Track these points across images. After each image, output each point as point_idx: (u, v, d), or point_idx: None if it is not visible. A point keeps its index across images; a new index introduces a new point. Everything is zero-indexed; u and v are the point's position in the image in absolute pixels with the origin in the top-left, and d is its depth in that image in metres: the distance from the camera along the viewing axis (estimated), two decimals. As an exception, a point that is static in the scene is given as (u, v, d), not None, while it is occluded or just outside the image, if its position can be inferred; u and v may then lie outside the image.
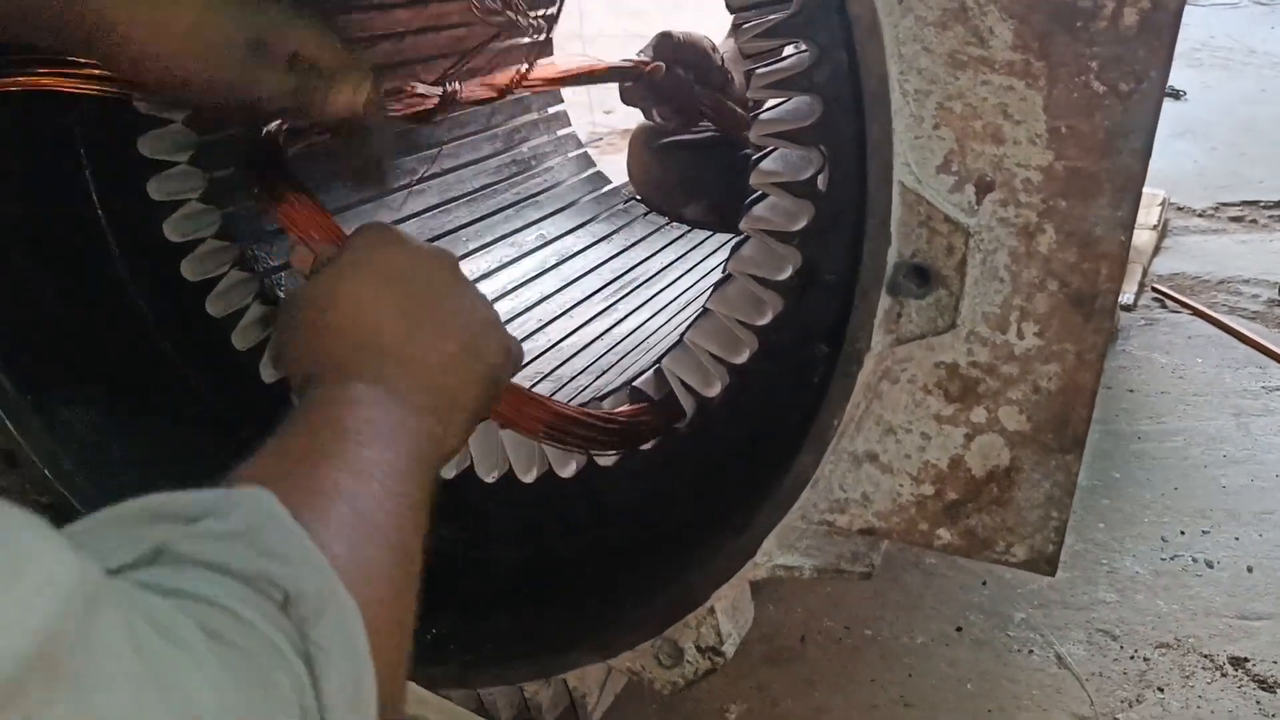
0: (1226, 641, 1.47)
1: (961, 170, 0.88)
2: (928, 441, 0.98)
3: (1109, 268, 0.88)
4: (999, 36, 0.84)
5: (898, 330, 0.94)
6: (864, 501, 1.01)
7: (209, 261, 1.34)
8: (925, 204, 0.89)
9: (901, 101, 0.88)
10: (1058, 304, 0.90)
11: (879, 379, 0.96)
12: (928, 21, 0.85)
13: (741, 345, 1.15)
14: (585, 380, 1.48)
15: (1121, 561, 1.64)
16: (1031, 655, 1.45)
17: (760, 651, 1.46)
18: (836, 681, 1.42)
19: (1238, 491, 1.81)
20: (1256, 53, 4.92)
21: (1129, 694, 1.38)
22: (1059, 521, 0.97)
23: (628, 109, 2.17)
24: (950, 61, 0.86)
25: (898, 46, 0.86)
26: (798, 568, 1.06)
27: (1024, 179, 0.87)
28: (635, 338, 1.64)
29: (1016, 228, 0.88)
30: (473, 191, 1.89)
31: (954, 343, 0.93)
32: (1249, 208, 3.17)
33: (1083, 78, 0.83)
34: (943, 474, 0.98)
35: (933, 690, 1.40)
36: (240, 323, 1.36)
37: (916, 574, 1.61)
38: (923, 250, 0.91)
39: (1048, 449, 0.95)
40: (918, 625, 1.51)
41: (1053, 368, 0.92)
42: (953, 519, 0.99)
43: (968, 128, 0.87)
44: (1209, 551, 1.66)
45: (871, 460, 1.00)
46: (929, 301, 0.92)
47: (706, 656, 1.11)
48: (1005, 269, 0.90)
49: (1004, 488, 0.97)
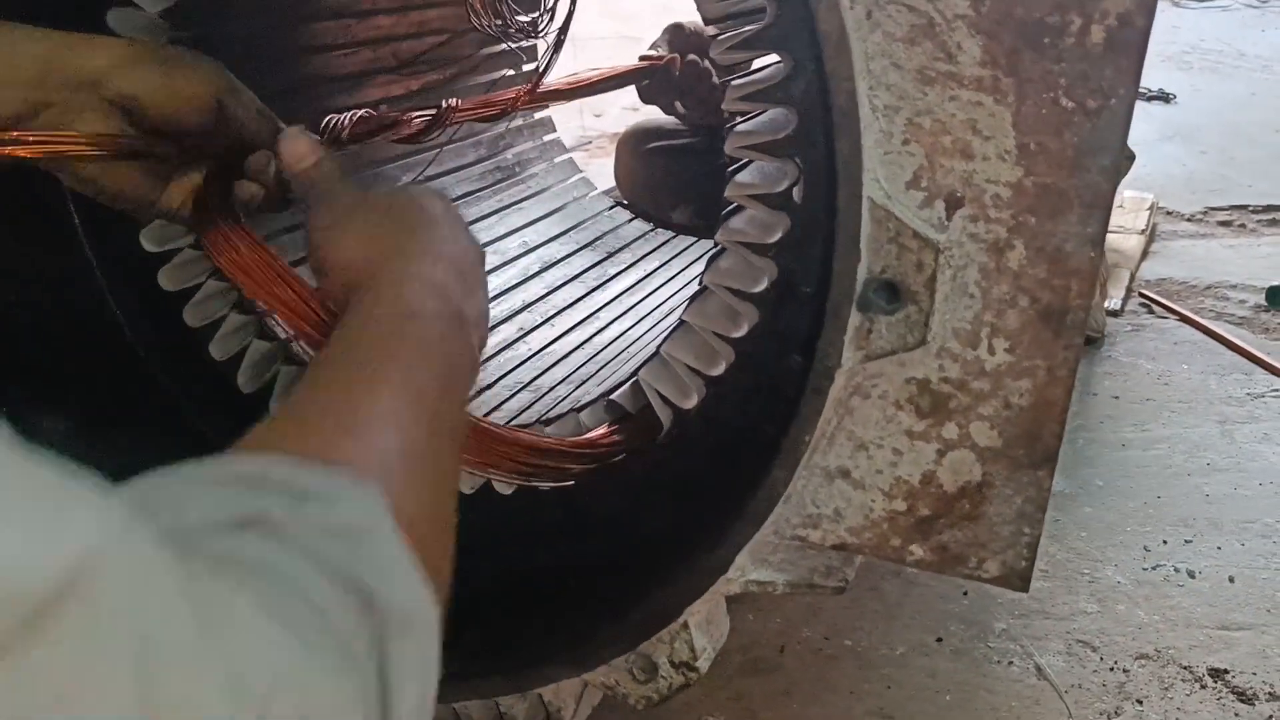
0: (1206, 653, 1.47)
1: (931, 186, 0.88)
2: (899, 457, 0.97)
3: (1079, 284, 0.87)
4: (967, 52, 0.84)
5: (868, 346, 0.94)
6: (836, 517, 1.01)
7: (186, 271, 1.34)
8: (895, 220, 0.89)
9: (871, 117, 0.87)
10: (1028, 320, 0.89)
11: (850, 394, 0.96)
12: (896, 37, 0.85)
13: (718, 357, 1.15)
14: (564, 390, 1.48)
15: (1103, 571, 1.64)
16: (1011, 666, 1.45)
17: (738, 661, 1.46)
18: (815, 692, 1.41)
19: (1221, 500, 1.81)
20: (1246, 56, 4.93)
21: (1108, 706, 1.38)
22: (1031, 537, 0.96)
23: (618, 113, 2.17)
24: (919, 77, 0.85)
25: (866, 62, 0.86)
26: (771, 583, 1.06)
27: (994, 195, 0.87)
28: (615, 347, 1.64)
29: (986, 243, 0.88)
30: (456, 199, 1.89)
31: (925, 359, 0.93)
32: (1237, 212, 3.17)
33: (1051, 94, 0.83)
34: (914, 490, 0.98)
35: (911, 701, 1.40)
36: (218, 332, 1.35)
37: (896, 583, 1.61)
38: (892, 266, 0.90)
39: (1019, 464, 0.94)
40: (897, 635, 1.51)
41: (1024, 384, 0.92)
42: (925, 535, 0.99)
43: (937, 143, 0.87)
44: (1191, 561, 1.66)
45: (843, 476, 0.99)
46: (899, 318, 0.92)
47: (680, 671, 1.11)
48: (975, 285, 0.90)
49: (976, 503, 0.97)
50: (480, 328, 0.87)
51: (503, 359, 1.61)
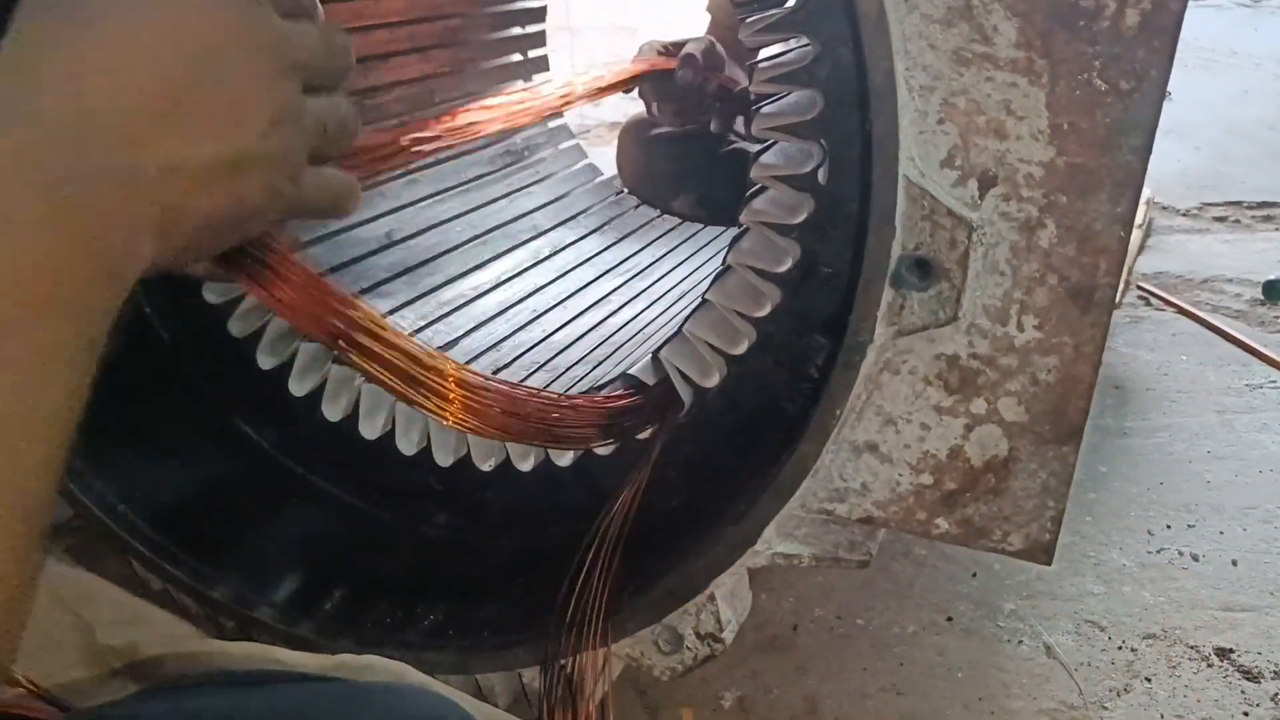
0: (1212, 633, 1.49)
1: (965, 165, 0.90)
2: (927, 432, 0.99)
3: (1107, 262, 0.89)
4: (1003, 34, 0.85)
5: (900, 323, 0.96)
6: (863, 491, 1.03)
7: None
8: (929, 198, 0.91)
9: (907, 97, 0.89)
10: (1057, 297, 0.91)
11: (880, 370, 0.98)
12: (933, 19, 0.86)
13: (740, 336, 1.16)
14: (581, 370, 1.49)
15: (1108, 554, 1.66)
16: (1021, 645, 1.47)
17: (753, 639, 1.47)
18: (829, 669, 1.43)
19: (1221, 487, 1.84)
20: (1239, 54, 4.97)
21: (1117, 683, 1.40)
22: (1055, 511, 0.98)
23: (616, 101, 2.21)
24: (955, 58, 0.87)
25: (903, 43, 0.88)
26: (796, 555, 1.07)
27: (1026, 174, 0.89)
28: (629, 329, 1.65)
29: (1018, 222, 0.90)
30: (466, 182, 1.89)
31: (954, 335, 0.95)
32: (1232, 208, 3.21)
33: (1085, 75, 0.85)
34: (941, 464, 1.00)
35: (923, 678, 1.42)
36: (238, 309, 1.36)
37: (907, 563, 1.63)
38: (926, 243, 0.92)
39: (1045, 439, 0.96)
40: (908, 614, 1.53)
41: (1051, 360, 0.93)
42: (950, 508, 1.01)
43: (971, 123, 0.88)
44: (1194, 545, 1.68)
45: (871, 450, 1.01)
46: (931, 294, 0.94)
47: (706, 643, 1.12)
48: (1006, 262, 0.92)
49: (1001, 477, 0.99)
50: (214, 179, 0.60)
51: (518, 340, 1.62)
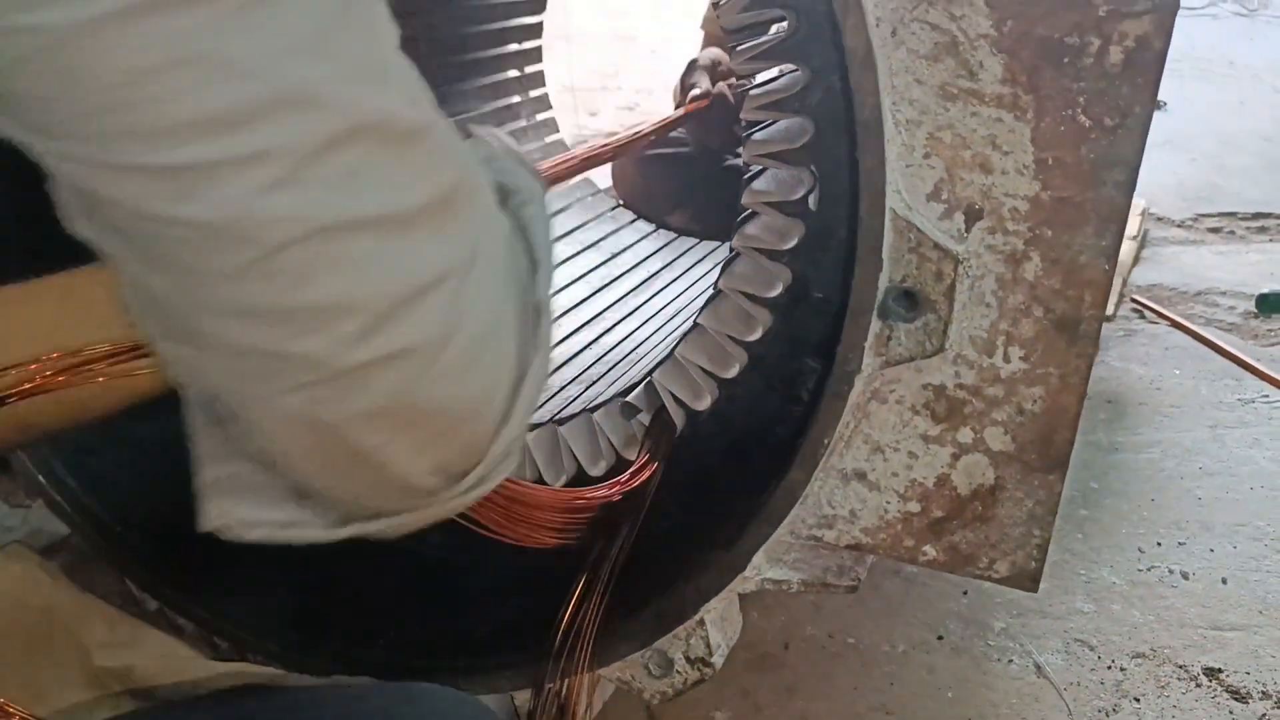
0: (1200, 652, 1.50)
1: (951, 198, 0.91)
2: (914, 460, 1.00)
3: (1092, 294, 0.90)
4: (989, 70, 0.86)
5: (887, 353, 0.97)
6: (851, 518, 1.04)
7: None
8: (915, 231, 0.92)
9: (894, 131, 0.90)
10: (1042, 329, 0.92)
11: (868, 399, 0.99)
12: (920, 54, 0.87)
13: (731, 360, 1.17)
14: (575, 390, 1.50)
15: (1098, 572, 1.67)
16: (1010, 664, 1.48)
17: (744, 658, 1.48)
18: (819, 688, 1.44)
19: (1212, 504, 1.85)
20: (1236, 64, 4.98)
21: (1105, 703, 1.41)
22: (1041, 539, 0.99)
23: (614, 112, 2.20)
24: (941, 93, 0.88)
25: (890, 78, 0.89)
26: (785, 581, 1.08)
27: (1011, 208, 0.90)
28: (624, 347, 1.66)
29: (1004, 254, 0.91)
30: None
31: (941, 365, 0.96)
32: (1227, 219, 3.22)
33: (1069, 111, 0.86)
34: (929, 492, 1.01)
35: (913, 698, 1.43)
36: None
37: (897, 582, 1.64)
38: (912, 275, 0.93)
39: (1031, 468, 0.97)
40: (899, 633, 1.54)
41: (1037, 390, 0.94)
42: (937, 535, 1.02)
43: (957, 157, 0.89)
44: (1184, 563, 1.69)
45: (860, 478, 1.02)
46: (918, 325, 0.95)
47: (695, 667, 1.13)
48: (992, 294, 0.93)
49: (988, 505, 0.99)
50: None
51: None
